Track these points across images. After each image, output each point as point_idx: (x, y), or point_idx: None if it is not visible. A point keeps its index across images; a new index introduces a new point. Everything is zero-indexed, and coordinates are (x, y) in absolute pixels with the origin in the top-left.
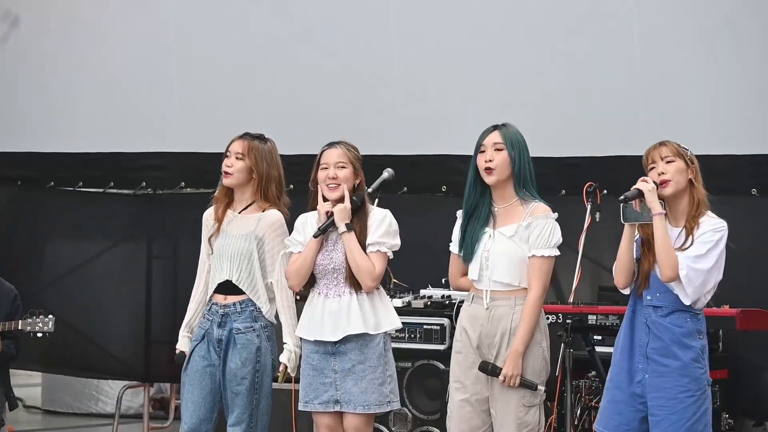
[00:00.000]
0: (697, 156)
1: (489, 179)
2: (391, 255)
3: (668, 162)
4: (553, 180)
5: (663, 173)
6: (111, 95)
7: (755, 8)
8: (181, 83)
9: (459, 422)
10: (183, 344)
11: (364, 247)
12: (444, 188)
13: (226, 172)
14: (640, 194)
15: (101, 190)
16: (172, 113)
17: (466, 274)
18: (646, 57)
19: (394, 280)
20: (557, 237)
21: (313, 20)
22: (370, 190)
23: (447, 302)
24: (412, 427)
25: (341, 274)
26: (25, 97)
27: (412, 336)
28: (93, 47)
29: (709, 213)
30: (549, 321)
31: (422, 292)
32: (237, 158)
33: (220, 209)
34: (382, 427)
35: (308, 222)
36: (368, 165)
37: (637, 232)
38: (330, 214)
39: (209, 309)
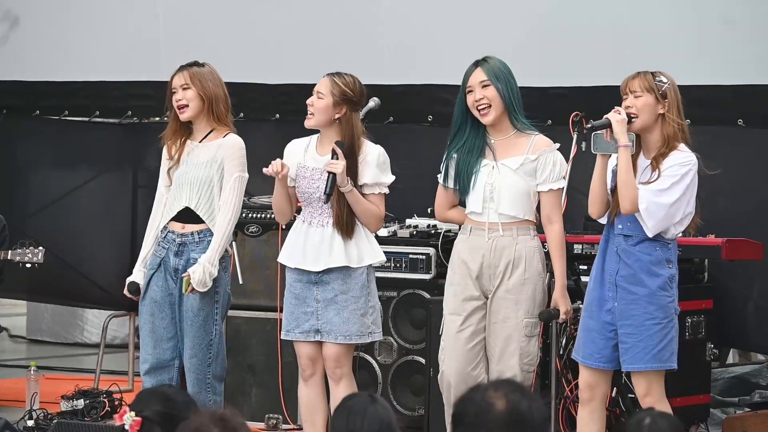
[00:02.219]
0: (681, 86)
1: (486, 119)
2: (387, 191)
3: (636, 97)
4: (539, 110)
5: (629, 107)
6: (97, 23)
7: None
8: (167, 11)
9: (456, 354)
10: (138, 277)
11: (357, 183)
12: (430, 118)
13: (181, 107)
14: (609, 124)
15: (87, 119)
16: (158, 41)
17: (454, 206)
18: None
19: None
20: (565, 167)
21: None
22: None
23: (432, 232)
24: (397, 356)
25: (326, 203)
26: (11, 26)
27: (398, 265)
28: None
29: (681, 146)
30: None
31: (408, 221)
32: (184, 89)
33: (177, 143)
34: (367, 356)
35: (293, 153)
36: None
37: (615, 159)
38: (330, 174)
39: (164, 237)
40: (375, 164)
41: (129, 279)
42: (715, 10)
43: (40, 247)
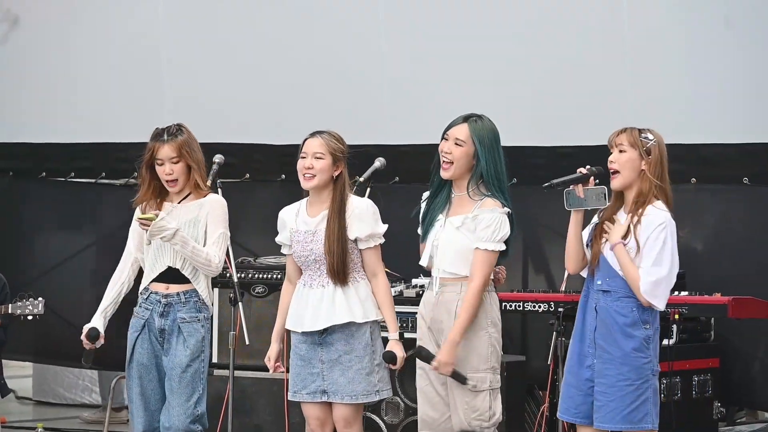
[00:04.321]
0: (688, 145)
1: (443, 173)
2: (383, 240)
3: (621, 151)
4: (546, 169)
5: (612, 162)
6: (102, 86)
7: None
8: (171, 74)
9: (425, 407)
10: (98, 323)
11: (345, 238)
12: None
13: (171, 180)
14: (578, 179)
15: (93, 180)
16: (162, 104)
17: None
18: (638, 46)
19: (386, 270)
20: (504, 232)
21: (303, 11)
22: (361, 179)
23: None
24: (404, 416)
25: (323, 264)
26: (16, 88)
27: (404, 325)
28: (84, 38)
29: (656, 204)
30: (540, 309)
31: (414, 281)
32: (173, 162)
33: (155, 204)
34: (374, 416)
35: (286, 220)
36: (359, 155)
37: (596, 216)
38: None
39: (147, 298)
40: (366, 216)
41: (88, 326)
42: (720, 70)
43: (40, 298)
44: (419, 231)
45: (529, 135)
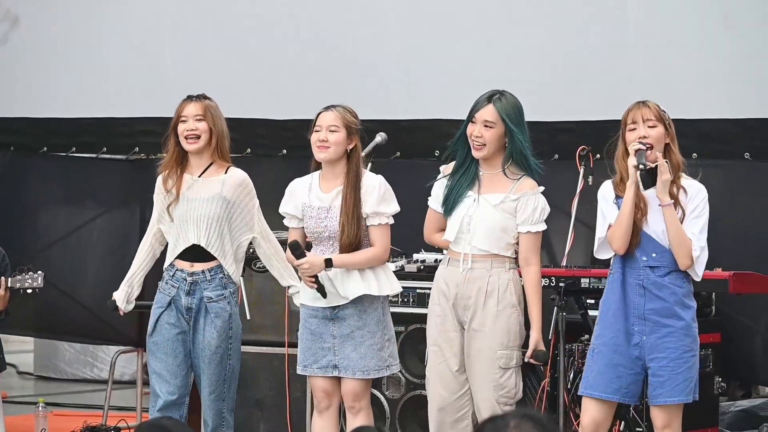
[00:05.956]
0: (690, 120)
1: (476, 154)
2: (392, 221)
3: (650, 126)
4: (545, 145)
5: (646, 137)
6: (104, 60)
7: None
8: (173, 48)
9: (437, 386)
10: (119, 296)
11: (359, 214)
12: (437, 153)
13: (192, 137)
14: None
15: (94, 155)
16: (165, 78)
17: (442, 230)
18: (639, 20)
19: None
20: (546, 211)
21: None
22: (363, 154)
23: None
24: (405, 391)
25: (336, 240)
26: (17, 62)
27: (405, 300)
28: (86, 12)
29: (684, 175)
30: (542, 284)
31: (415, 256)
32: (197, 120)
33: (175, 175)
34: (375, 391)
35: (296, 191)
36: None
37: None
38: (314, 279)
39: (173, 275)
40: (375, 194)
41: (114, 295)
42: (722, 45)
43: (39, 272)
44: (431, 204)
45: (530, 110)
